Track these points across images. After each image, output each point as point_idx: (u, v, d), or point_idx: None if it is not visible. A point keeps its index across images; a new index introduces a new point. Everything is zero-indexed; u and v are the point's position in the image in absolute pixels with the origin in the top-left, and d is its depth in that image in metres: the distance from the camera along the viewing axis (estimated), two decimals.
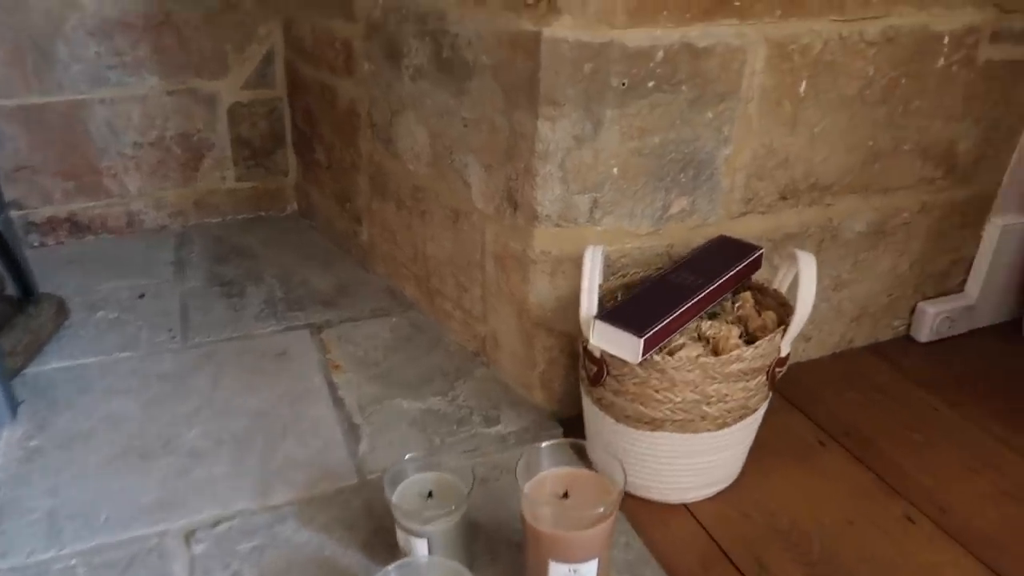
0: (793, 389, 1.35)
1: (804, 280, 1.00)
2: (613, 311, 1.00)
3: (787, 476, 1.15)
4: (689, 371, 0.97)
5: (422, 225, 1.41)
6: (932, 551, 1.02)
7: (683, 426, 1.02)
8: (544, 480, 0.87)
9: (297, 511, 1.04)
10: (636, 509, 1.08)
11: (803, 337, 1.40)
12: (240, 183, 1.85)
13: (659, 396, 0.99)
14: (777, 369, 1.04)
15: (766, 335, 1.06)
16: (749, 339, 1.09)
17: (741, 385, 1.01)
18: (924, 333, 1.48)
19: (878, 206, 1.33)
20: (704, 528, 1.06)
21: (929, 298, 1.50)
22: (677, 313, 0.99)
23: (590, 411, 1.10)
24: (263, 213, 1.90)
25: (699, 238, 1.19)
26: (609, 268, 1.16)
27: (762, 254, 1.14)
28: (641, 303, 1.02)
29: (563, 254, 1.14)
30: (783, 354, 1.03)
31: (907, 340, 1.51)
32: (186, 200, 1.81)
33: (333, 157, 1.68)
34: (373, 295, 1.58)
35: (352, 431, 1.19)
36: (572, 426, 1.21)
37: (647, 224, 1.15)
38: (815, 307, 1.42)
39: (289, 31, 1.74)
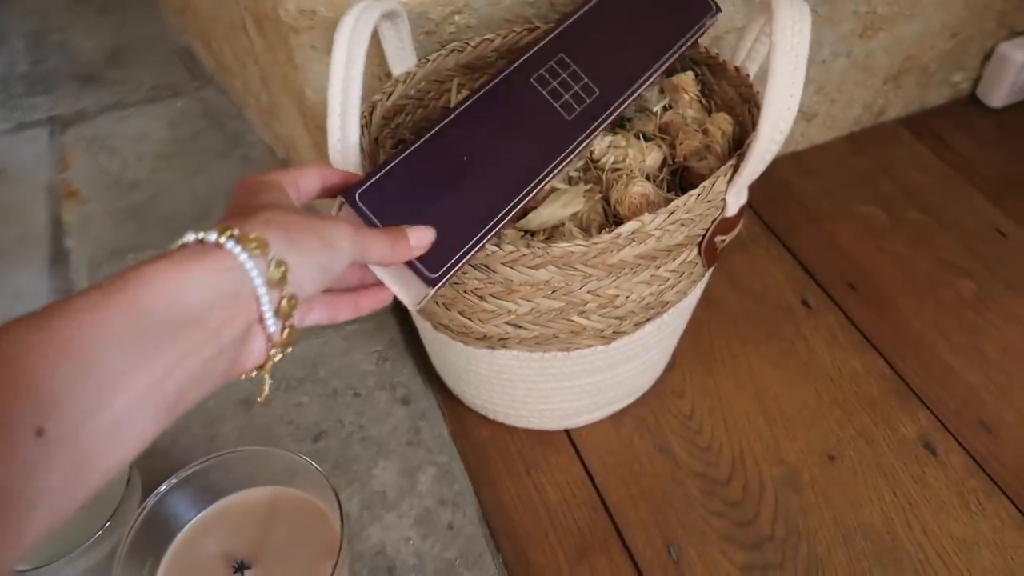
0: (775, 202, 0.86)
1: (779, 57, 0.48)
2: (383, 181, 0.45)
3: (744, 367, 0.72)
4: (535, 267, 0.50)
5: None
6: (970, 514, 0.62)
7: (542, 343, 0.57)
8: (205, 532, 0.45)
9: None
10: (490, 443, 0.68)
11: (803, 115, 0.88)
12: None
13: (488, 305, 0.53)
14: (719, 238, 0.56)
15: (707, 166, 0.56)
16: (676, 171, 0.59)
17: (645, 276, 0.54)
18: (1000, 92, 0.95)
19: None
20: (588, 472, 0.66)
21: (1020, 34, 0.93)
22: (514, 200, 0.47)
23: None
24: None
25: None
26: (433, 36, 0.63)
27: (715, 20, 0.59)
28: (440, 158, 0.47)
29: (340, 14, 0.60)
30: (731, 212, 0.54)
31: (971, 105, 0.98)
32: None
33: None
34: (160, 61, 1.05)
35: None
36: None
37: None
38: (827, 66, 0.88)
39: None
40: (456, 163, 0.47)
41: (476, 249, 0.45)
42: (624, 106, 0.53)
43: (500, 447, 0.67)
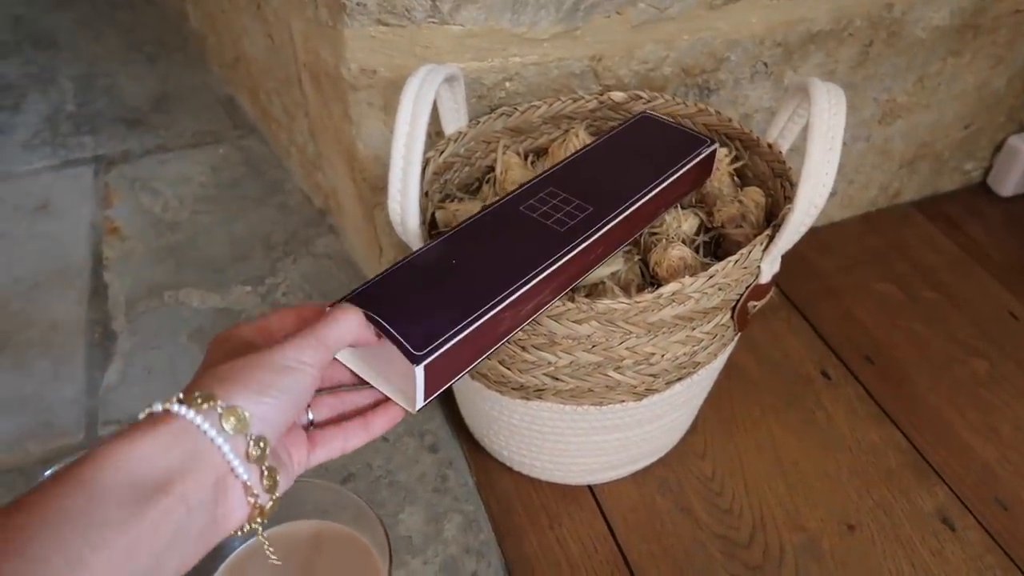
0: (794, 275, 0.89)
1: (816, 138, 0.51)
2: (372, 288, 0.43)
3: (764, 433, 0.73)
4: (579, 322, 0.52)
5: (231, 7, 0.90)
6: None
7: (577, 396, 0.59)
8: (249, 561, 0.46)
9: None
10: (515, 495, 0.68)
11: None
12: None
13: (530, 356, 0.55)
14: (751, 303, 0.58)
15: (742, 233, 0.59)
16: (713, 237, 0.62)
17: (681, 336, 0.56)
18: (1010, 182, 0.99)
19: None
20: (610, 529, 0.66)
21: None
22: (487, 312, 0.43)
23: None
24: None
25: (650, 43, 0.68)
26: (484, 100, 0.67)
27: (714, 152, 0.60)
28: (429, 265, 0.46)
29: (399, 75, 0.64)
30: (764, 279, 0.57)
31: (981, 192, 1.02)
32: None
33: None
34: (203, 109, 1.09)
35: (103, 346, 0.78)
36: None
37: (548, 20, 0.64)
38: (847, 149, 0.92)
39: None
40: (445, 266, 0.46)
41: (463, 334, 0.41)
42: (621, 217, 0.51)
43: (524, 499, 0.68)
